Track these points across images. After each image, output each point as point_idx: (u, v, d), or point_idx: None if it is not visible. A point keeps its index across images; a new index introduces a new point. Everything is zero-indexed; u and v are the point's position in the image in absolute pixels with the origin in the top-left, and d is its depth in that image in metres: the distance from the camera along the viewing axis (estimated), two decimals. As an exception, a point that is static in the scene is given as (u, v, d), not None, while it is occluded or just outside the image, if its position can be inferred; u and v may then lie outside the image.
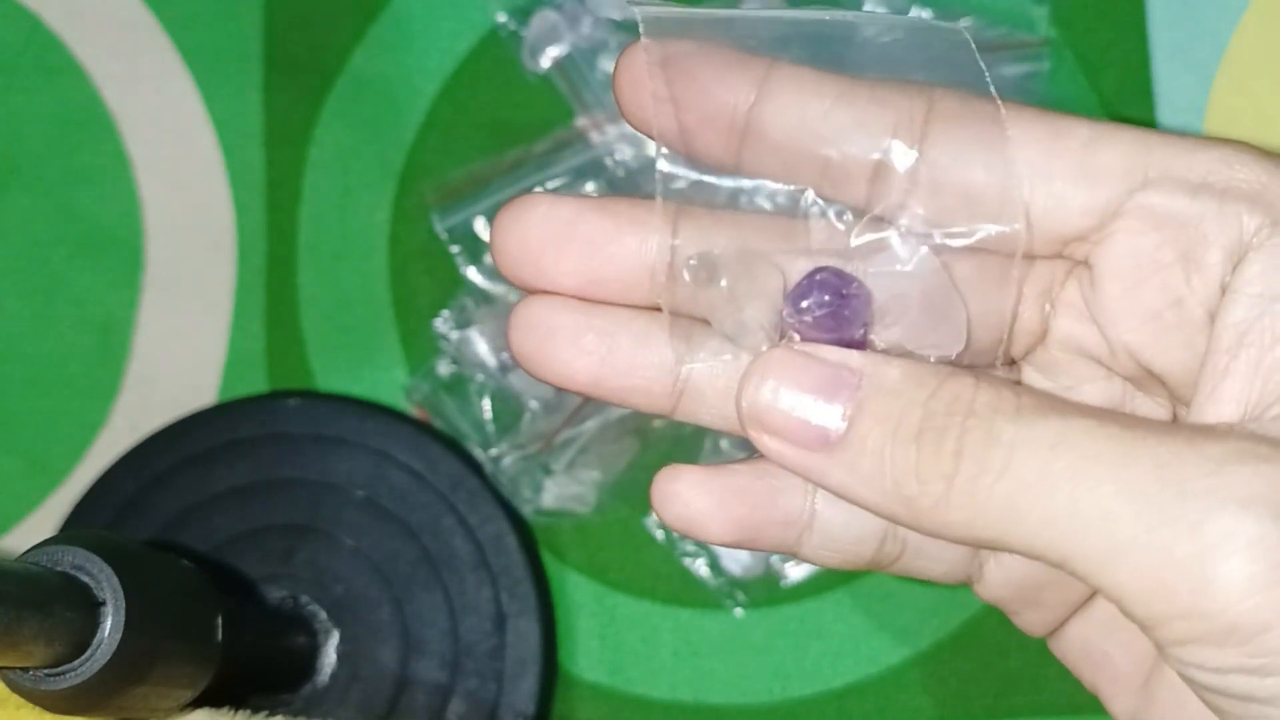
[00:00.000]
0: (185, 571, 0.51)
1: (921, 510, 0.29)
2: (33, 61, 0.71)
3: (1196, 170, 0.31)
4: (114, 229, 0.69)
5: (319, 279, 0.68)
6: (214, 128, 0.70)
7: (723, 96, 0.32)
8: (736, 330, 0.33)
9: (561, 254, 0.33)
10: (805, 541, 0.36)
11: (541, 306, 0.34)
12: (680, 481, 0.35)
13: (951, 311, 0.33)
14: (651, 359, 0.34)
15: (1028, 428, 0.28)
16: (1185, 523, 0.27)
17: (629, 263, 0.33)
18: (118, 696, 0.44)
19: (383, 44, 0.70)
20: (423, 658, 0.61)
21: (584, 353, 0.34)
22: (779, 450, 0.31)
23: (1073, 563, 0.28)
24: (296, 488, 0.63)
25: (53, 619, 0.41)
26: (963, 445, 0.29)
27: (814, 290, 0.32)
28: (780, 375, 0.31)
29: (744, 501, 0.35)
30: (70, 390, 0.68)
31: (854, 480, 0.30)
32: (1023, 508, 0.28)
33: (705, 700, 0.64)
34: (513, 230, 0.33)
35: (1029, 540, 0.28)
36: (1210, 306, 0.31)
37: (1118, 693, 0.36)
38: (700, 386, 0.34)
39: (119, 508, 0.63)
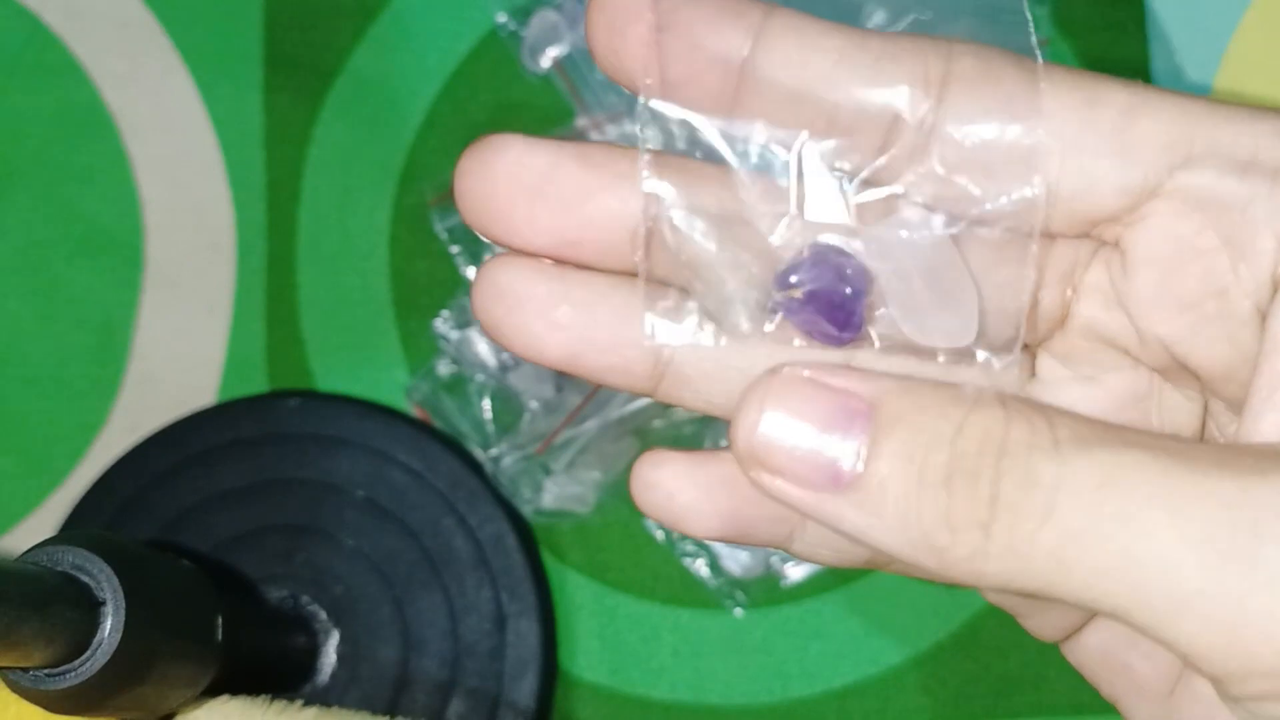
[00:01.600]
0: (185, 571, 0.51)
1: (954, 561, 0.26)
2: (33, 61, 0.71)
3: (1246, 145, 0.28)
4: (114, 229, 0.69)
5: (319, 279, 0.68)
6: (214, 127, 0.70)
7: (714, 47, 0.28)
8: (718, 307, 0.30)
9: (534, 209, 0.29)
10: (799, 537, 0.33)
11: (511, 270, 0.30)
12: (663, 469, 0.32)
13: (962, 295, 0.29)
14: (633, 336, 0.30)
15: (1070, 466, 0.25)
16: (1262, 573, 0.24)
17: (608, 223, 0.30)
18: (118, 696, 0.44)
19: (383, 44, 0.70)
20: (423, 658, 0.61)
21: (558, 327, 0.30)
22: (784, 492, 0.27)
23: (1132, 616, 0.25)
24: (296, 488, 0.63)
25: (53, 619, 0.41)
26: (999, 490, 0.26)
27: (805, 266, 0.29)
28: (780, 405, 0.27)
29: (733, 494, 0.32)
30: (70, 390, 0.68)
31: (874, 526, 0.26)
32: (1071, 558, 0.25)
33: (705, 700, 0.64)
34: (481, 177, 0.30)
35: (1080, 593, 0.25)
36: (1259, 299, 0.28)
37: (1139, 704, 0.33)
38: (684, 368, 0.31)
39: (119, 508, 0.64)
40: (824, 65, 0.28)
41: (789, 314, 0.29)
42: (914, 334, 0.29)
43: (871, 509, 0.26)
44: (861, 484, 0.26)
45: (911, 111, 0.28)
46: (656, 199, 0.29)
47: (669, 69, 0.29)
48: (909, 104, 0.28)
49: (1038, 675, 0.63)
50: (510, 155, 0.29)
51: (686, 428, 0.64)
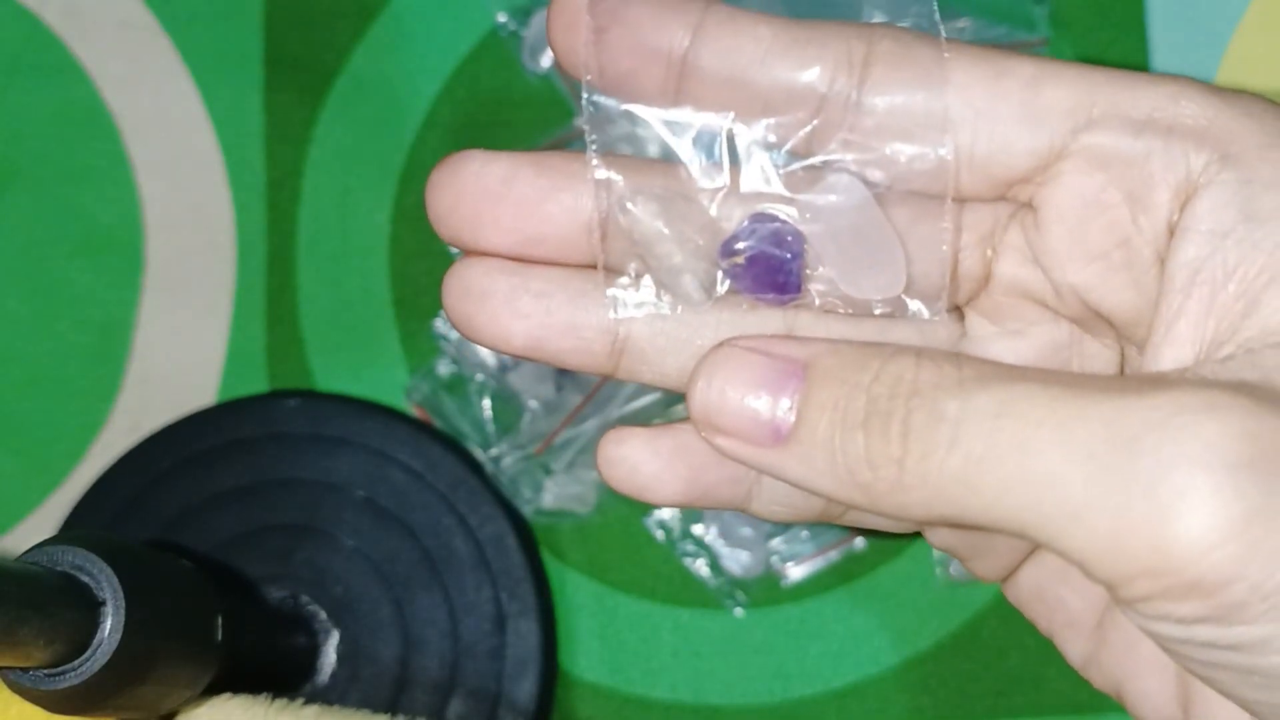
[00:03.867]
0: (185, 571, 0.51)
1: (879, 495, 0.29)
2: (32, 61, 0.71)
3: (1142, 107, 0.30)
4: (114, 229, 0.69)
5: (319, 279, 0.68)
6: (214, 127, 0.70)
7: (657, 40, 0.31)
8: (670, 278, 0.32)
9: (496, 214, 0.32)
10: (755, 496, 0.35)
11: (475, 269, 0.33)
12: (625, 444, 0.34)
13: (889, 251, 0.32)
14: (590, 319, 0.33)
15: (970, 400, 0.28)
16: (1138, 483, 0.26)
17: (566, 220, 0.32)
18: (118, 696, 0.44)
19: (383, 44, 0.70)
20: (423, 657, 0.61)
21: (520, 315, 0.33)
22: (733, 449, 0.30)
23: (1031, 531, 0.28)
24: (296, 488, 0.64)
25: (53, 619, 0.41)
26: (909, 426, 0.28)
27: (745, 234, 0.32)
28: (726, 374, 0.30)
29: (691, 461, 0.34)
30: (70, 390, 0.68)
31: (810, 472, 0.30)
32: (974, 481, 0.27)
33: (705, 700, 0.64)
34: (446, 190, 0.32)
35: (986, 513, 0.28)
36: (1158, 246, 0.31)
37: (1071, 637, 0.36)
38: (640, 345, 0.33)
39: (119, 508, 0.64)
40: (756, 52, 0.31)
41: (734, 280, 0.32)
42: (849, 289, 0.32)
43: (806, 457, 0.30)
44: (796, 436, 0.30)
45: (835, 88, 0.31)
46: (608, 186, 0.32)
47: (617, 64, 0.32)
48: (832, 81, 0.31)
49: (1037, 675, 0.63)
50: (472, 168, 0.32)
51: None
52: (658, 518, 0.64)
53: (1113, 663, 0.35)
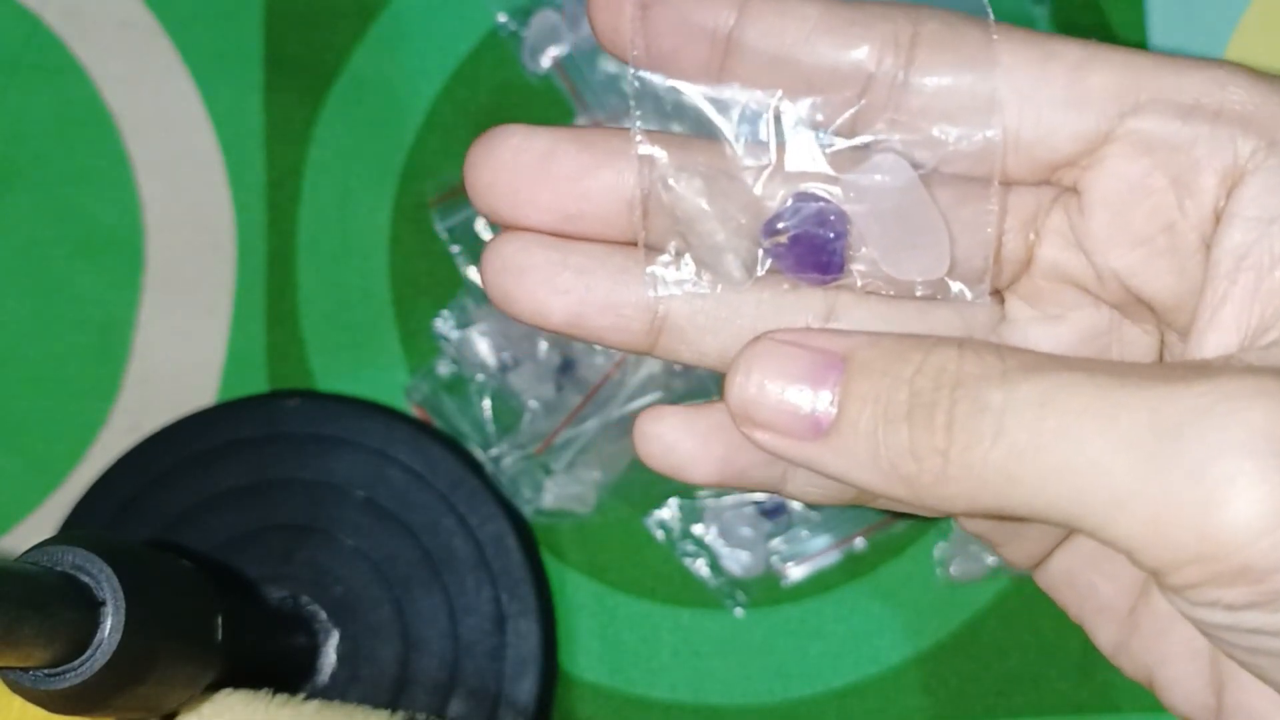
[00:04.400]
0: (185, 571, 0.51)
1: (922, 488, 0.29)
2: (33, 61, 0.71)
3: (1188, 92, 0.30)
4: (114, 229, 0.69)
5: (319, 279, 0.68)
6: (214, 127, 0.70)
7: (702, 18, 0.31)
8: (711, 256, 0.32)
9: (537, 189, 0.32)
10: (790, 479, 0.36)
11: (514, 244, 0.33)
12: (663, 422, 0.34)
13: (933, 233, 0.32)
14: (629, 296, 0.33)
15: (1014, 390, 0.28)
16: (1183, 469, 0.26)
17: (606, 197, 0.32)
18: (118, 696, 0.44)
19: (383, 44, 0.70)
20: (423, 657, 0.61)
21: (560, 291, 0.33)
22: (772, 444, 0.30)
23: (1076, 521, 0.28)
24: (296, 488, 0.64)
25: (53, 619, 0.41)
26: (953, 417, 0.28)
27: (788, 214, 0.32)
28: (764, 368, 0.30)
29: (728, 441, 0.34)
30: (70, 390, 0.68)
31: (851, 465, 0.29)
32: (1018, 473, 0.27)
33: (705, 700, 0.64)
34: (486, 163, 0.32)
35: (1029, 504, 0.28)
36: (1204, 231, 0.31)
37: (1103, 623, 0.36)
38: (679, 323, 0.33)
39: (119, 508, 0.64)
40: (802, 31, 0.31)
41: (776, 259, 0.32)
42: (892, 270, 0.32)
43: (847, 450, 0.29)
44: (836, 429, 0.29)
45: (881, 68, 0.31)
46: (650, 162, 0.32)
47: (661, 42, 0.31)
48: (879, 62, 0.31)
49: (1038, 674, 0.63)
50: (512, 142, 0.32)
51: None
52: (658, 518, 0.64)
53: (1144, 649, 0.35)
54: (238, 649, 0.52)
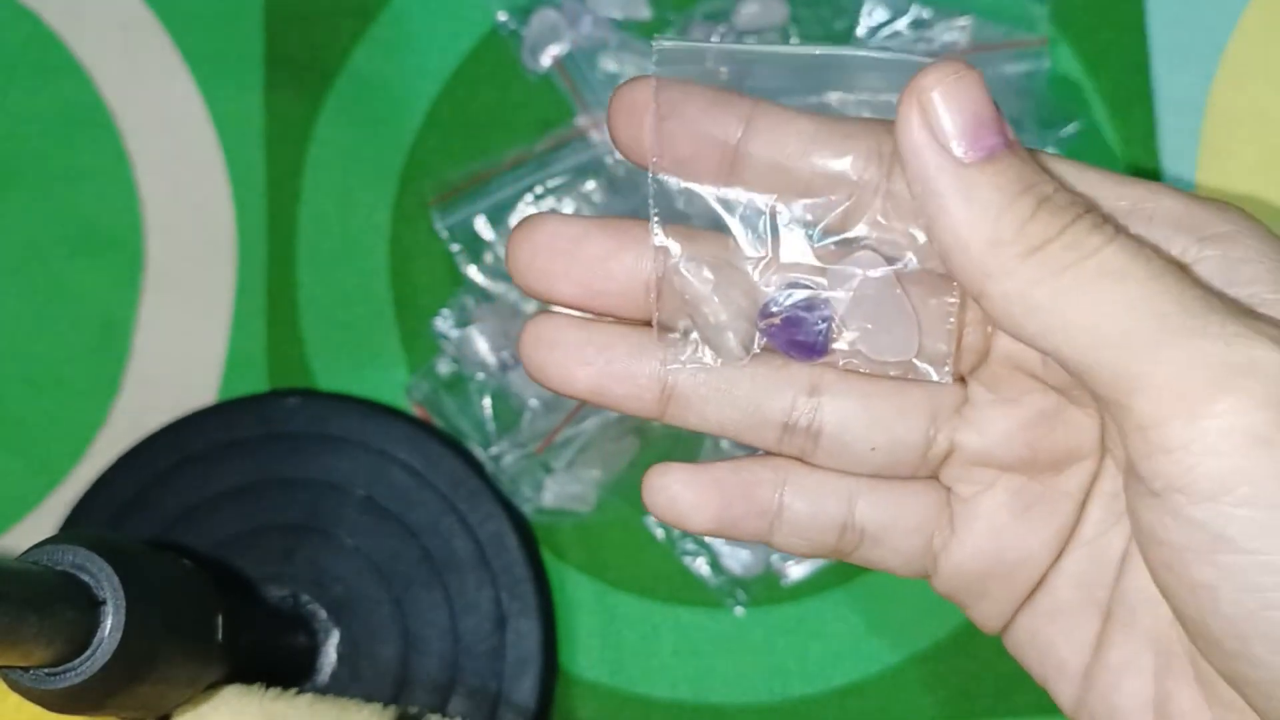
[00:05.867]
0: (185, 571, 0.51)
1: (1000, 258, 0.32)
2: (33, 61, 0.71)
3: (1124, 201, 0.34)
4: (114, 228, 0.69)
5: (319, 278, 0.68)
6: (214, 127, 0.70)
7: (713, 130, 0.35)
8: (714, 335, 0.36)
9: (568, 269, 0.36)
10: (776, 530, 0.39)
11: (549, 323, 0.37)
12: (668, 476, 0.38)
13: (904, 321, 0.36)
14: (644, 369, 0.37)
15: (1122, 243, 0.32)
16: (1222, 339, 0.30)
17: (627, 277, 0.37)
18: (118, 695, 0.44)
19: (383, 43, 0.70)
20: (423, 656, 0.61)
21: (584, 364, 0.37)
22: (917, 141, 0.32)
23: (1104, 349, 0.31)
24: (296, 487, 0.64)
25: (53, 618, 0.42)
26: (1073, 225, 0.32)
27: (781, 299, 0.36)
28: (946, 88, 0.32)
29: (722, 495, 0.38)
30: (70, 389, 0.68)
31: (964, 203, 0.32)
32: (1095, 295, 0.31)
33: (705, 699, 0.64)
34: (524, 245, 0.37)
35: (1072, 315, 0.31)
36: None
37: (1062, 681, 0.38)
38: (685, 393, 0.37)
39: (119, 507, 0.64)
40: (799, 143, 0.35)
41: (770, 338, 0.37)
42: (869, 351, 0.37)
43: (969, 189, 0.32)
44: (978, 169, 0.32)
45: (865, 176, 0.35)
46: (665, 252, 0.36)
47: (677, 149, 0.36)
48: (863, 171, 0.35)
49: (1038, 674, 0.63)
50: (549, 228, 0.37)
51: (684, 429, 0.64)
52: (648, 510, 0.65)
53: (1098, 704, 0.37)
54: (238, 648, 0.52)
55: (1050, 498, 0.38)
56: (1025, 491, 0.38)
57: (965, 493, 0.38)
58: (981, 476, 0.38)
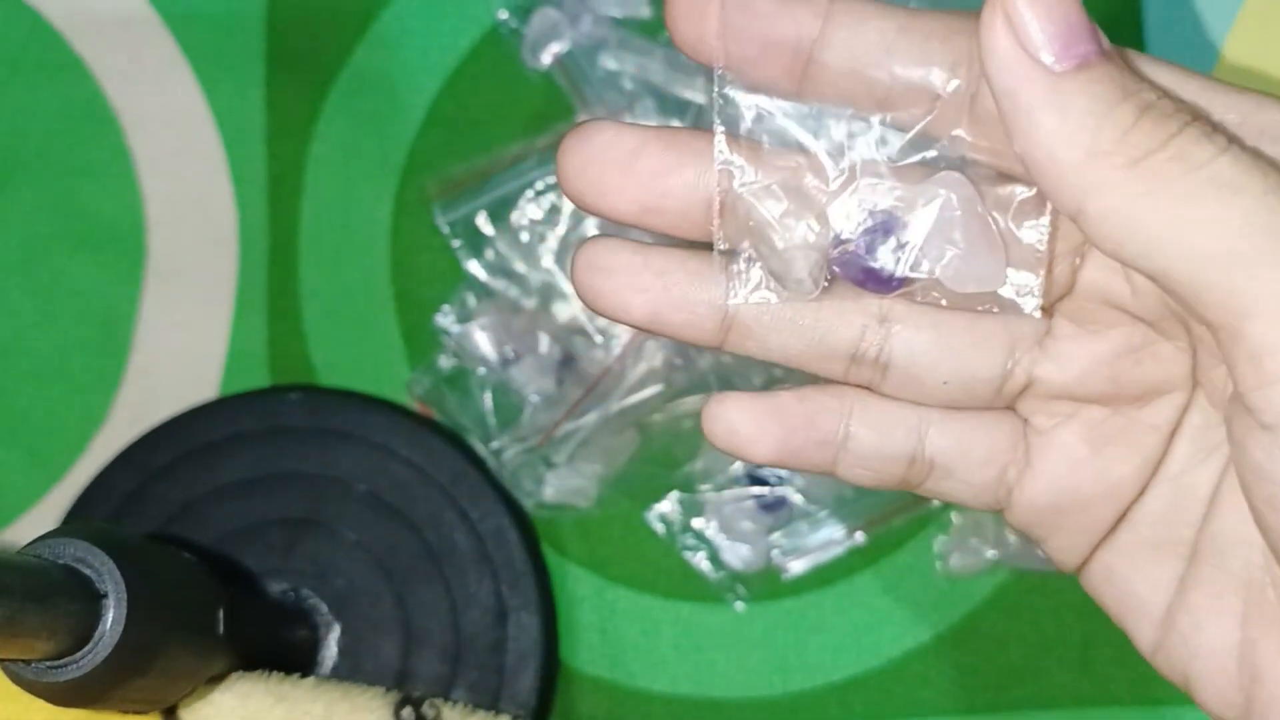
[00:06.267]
0: (187, 564, 0.51)
1: (1100, 171, 0.30)
2: (35, 57, 0.71)
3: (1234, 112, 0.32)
4: (116, 224, 0.70)
5: (320, 273, 0.68)
6: (216, 123, 0.70)
7: (784, 29, 0.33)
8: (781, 265, 0.34)
9: (622, 183, 0.34)
10: (841, 461, 0.37)
11: (603, 247, 0.35)
12: (727, 405, 0.36)
13: (991, 249, 0.34)
14: (703, 296, 0.35)
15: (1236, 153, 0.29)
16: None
17: (685, 194, 0.34)
18: (120, 688, 0.45)
19: (384, 40, 0.70)
20: (424, 651, 0.62)
21: (640, 290, 0.35)
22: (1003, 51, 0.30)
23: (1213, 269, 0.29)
24: (298, 481, 0.64)
25: (55, 611, 0.42)
26: (1180, 135, 0.29)
27: (855, 226, 0.33)
28: None
29: (784, 424, 0.36)
30: (72, 384, 0.68)
31: (1058, 115, 0.30)
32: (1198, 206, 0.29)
33: (706, 694, 0.64)
34: (575, 154, 0.34)
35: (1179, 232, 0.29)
36: None
37: (1141, 623, 0.37)
38: (747, 322, 0.35)
39: (121, 501, 0.64)
40: (881, 45, 0.32)
41: (841, 268, 0.34)
42: (950, 282, 0.34)
43: (1065, 98, 0.30)
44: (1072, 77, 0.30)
45: (953, 85, 0.32)
46: (728, 172, 0.34)
47: (744, 48, 0.33)
48: (951, 78, 0.32)
49: (1038, 668, 0.63)
50: (604, 136, 0.34)
51: (686, 422, 0.64)
52: (658, 511, 0.65)
53: (1179, 648, 0.36)
54: (240, 642, 0.52)
55: (1133, 431, 0.36)
56: (1107, 424, 0.36)
57: (1043, 425, 0.36)
58: (1060, 409, 0.36)
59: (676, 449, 0.65)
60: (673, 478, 0.65)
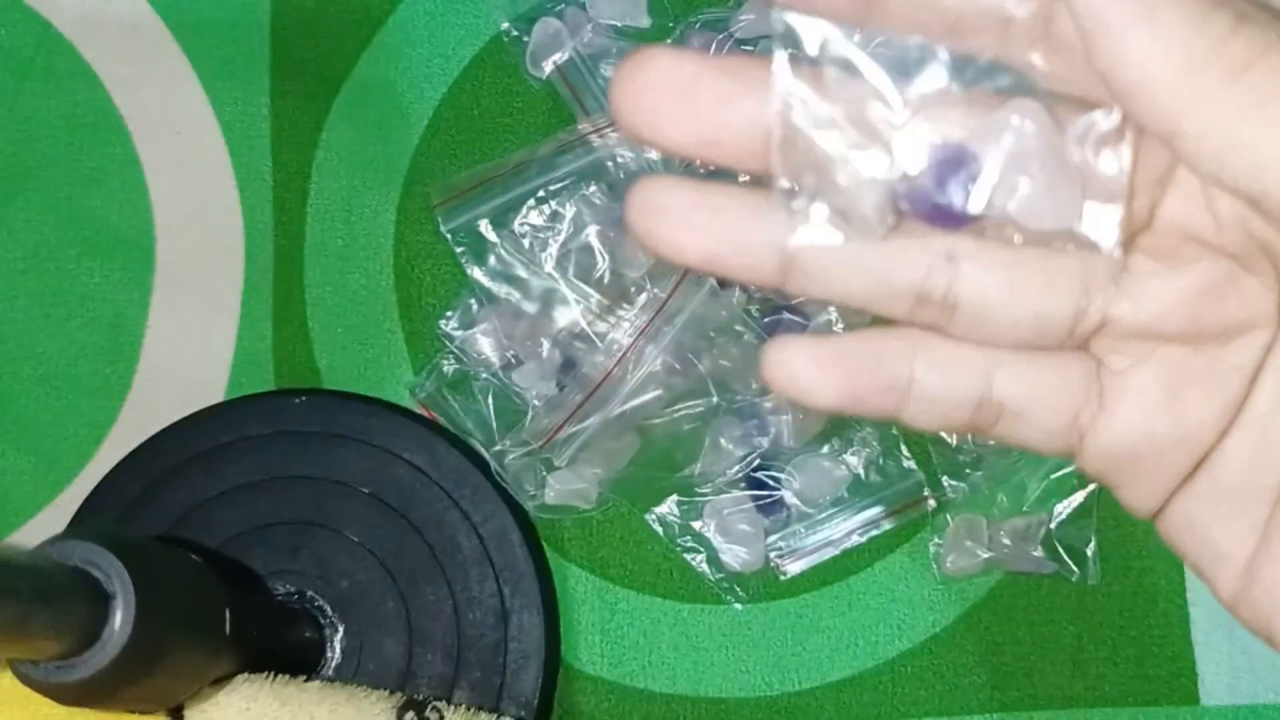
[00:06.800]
0: (193, 566, 0.51)
1: (1197, 87, 0.27)
2: (44, 66, 0.72)
3: None
4: (123, 230, 0.70)
5: (325, 279, 0.69)
6: (222, 131, 0.71)
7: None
8: (846, 203, 0.32)
9: (678, 114, 0.32)
10: (906, 406, 0.35)
11: (655, 185, 0.33)
12: (788, 350, 0.34)
13: (1068, 182, 0.31)
14: (763, 235, 0.33)
15: None
16: None
17: (745, 127, 0.32)
18: (127, 688, 0.45)
19: (388, 50, 0.70)
20: (427, 651, 0.62)
21: (696, 229, 0.33)
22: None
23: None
24: (303, 484, 0.64)
25: (63, 612, 0.42)
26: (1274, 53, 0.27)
27: (923, 159, 0.31)
28: None
29: (848, 368, 0.34)
30: (80, 388, 0.69)
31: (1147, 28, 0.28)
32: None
33: (705, 693, 0.64)
34: (629, 84, 0.32)
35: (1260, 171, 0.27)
36: None
37: (1222, 572, 0.34)
38: (808, 262, 0.33)
39: (128, 503, 0.64)
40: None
41: (910, 203, 0.31)
42: (1024, 218, 0.31)
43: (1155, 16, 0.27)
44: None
45: (1024, 7, 0.30)
46: (789, 103, 0.31)
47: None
48: (1020, 3, 0.30)
49: (1031, 668, 0.63)
50: (661, 63, 0.32)
51: (686, 424, 0.65)
52: (658, 514, 0.65)
53: (1264, 598, 0.34)
54: (245, 642, 0.53)
55: (1215, 371, 0.33)
56: (1186, 364, 0.33)
57: (1118, 365, 0.34)
58: (1137, 349, 0.34)
59: (676, 452, 0.65)
60: (672, 480, 0.65)
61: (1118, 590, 0.64)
